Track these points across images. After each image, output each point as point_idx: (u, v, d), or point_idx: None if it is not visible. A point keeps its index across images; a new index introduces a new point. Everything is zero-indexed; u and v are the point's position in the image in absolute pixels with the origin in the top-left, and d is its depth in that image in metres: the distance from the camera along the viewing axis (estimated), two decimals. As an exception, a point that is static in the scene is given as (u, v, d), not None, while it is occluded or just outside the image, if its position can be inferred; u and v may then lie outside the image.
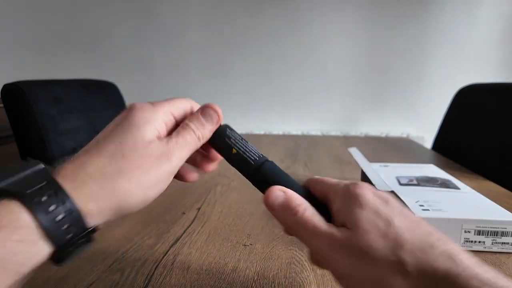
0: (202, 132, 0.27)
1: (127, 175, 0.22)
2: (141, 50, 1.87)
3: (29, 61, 1.95)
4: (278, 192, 0.25)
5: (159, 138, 0.25)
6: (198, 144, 0.27)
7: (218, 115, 0.28)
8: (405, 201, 0.40)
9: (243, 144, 0.28)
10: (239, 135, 0.29)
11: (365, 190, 0.24)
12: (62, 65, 1.93)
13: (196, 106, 0.30)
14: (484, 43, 1.68)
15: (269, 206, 0.25)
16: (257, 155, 0.28)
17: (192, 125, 0.27)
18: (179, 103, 0.28)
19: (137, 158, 0.23)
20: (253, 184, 0.28)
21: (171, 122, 0.27)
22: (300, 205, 0.24)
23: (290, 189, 0.26)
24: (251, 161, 0.27)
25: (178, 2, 1.79)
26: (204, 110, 0.28)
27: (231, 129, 0.29)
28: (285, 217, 0.25)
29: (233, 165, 0.28)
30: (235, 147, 0.28)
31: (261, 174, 0.27)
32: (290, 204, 0.24)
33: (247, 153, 0.28)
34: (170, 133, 0.27)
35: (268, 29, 1.78)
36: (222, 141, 0.28)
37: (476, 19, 1.66)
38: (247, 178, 0.28)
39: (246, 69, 1.84)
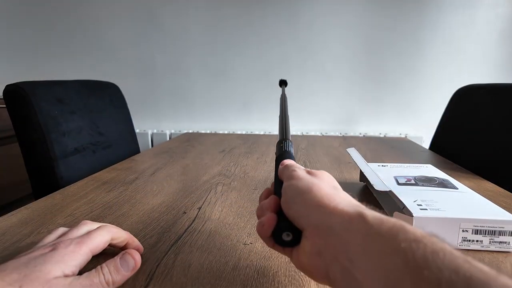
0: (114, 277, 0.29)
1: None
2: (142, 50, 1.88)
3: (31, 62, 1.95)
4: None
5: (66, 275, 0.27)
6: None
7: (135, 263, 0.31)
8: (403, 200, 0.41)
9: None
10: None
11: None
12: (63, 66, 1.94)
13: (117, 233, 0.33)
14: (481, 44, 1.69)
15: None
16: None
17: (105, 269, 0.29)
18: (99, 240, 0.31)
19: None
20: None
21: (88, 260, 0.30)
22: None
23: None
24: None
25: (178, 3, 1.80)
26: (123, 255, 0.31)
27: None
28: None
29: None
30: None
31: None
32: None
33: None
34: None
35: (267, 30, 1.79)
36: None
37: (474, 20, 1.67)
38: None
39: (246, 69, 1.84)
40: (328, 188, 0.27)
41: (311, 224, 0.25)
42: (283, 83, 0.64)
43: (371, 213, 0.22)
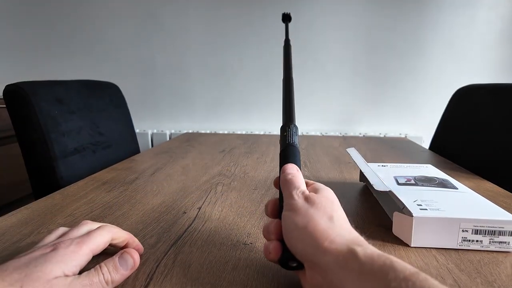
0: (113, 276, 0.29)
1: None
2: (142, 51, 1.87)
3: (31, 62, 1.95)
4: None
5: (67, 275, 0.27)
6: (105, 287, 0.29)
7: (134, 262, 0.31)
8: (403, 200, 0.41)
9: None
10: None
11: None
12: (63, 66, 1.94)
13: (118, 233, 0.33)
14: (482, 44, 1.69)
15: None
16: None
17: (104, 269, 0.29)
18: (99, 240, 0.31)
19: None
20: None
21: (89, 260, 0.30)
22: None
23: None
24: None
25: (178, 3, 1.80)
26: (122, 255, 0.31)
27: None
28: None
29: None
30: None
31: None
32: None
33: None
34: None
35: (267, 30, 1.78)
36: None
37: (474, 20, 1.67)
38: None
39: (246, 69, 1.84)
40: (324, 222, 0.28)
41: (308, 260, 0.27)
42: (286, 18, 0.45)
43: (363, 251, 0.24)
